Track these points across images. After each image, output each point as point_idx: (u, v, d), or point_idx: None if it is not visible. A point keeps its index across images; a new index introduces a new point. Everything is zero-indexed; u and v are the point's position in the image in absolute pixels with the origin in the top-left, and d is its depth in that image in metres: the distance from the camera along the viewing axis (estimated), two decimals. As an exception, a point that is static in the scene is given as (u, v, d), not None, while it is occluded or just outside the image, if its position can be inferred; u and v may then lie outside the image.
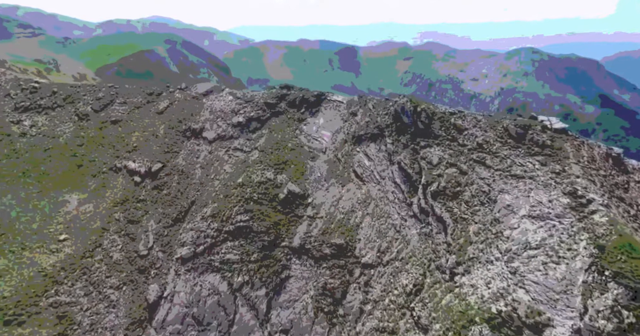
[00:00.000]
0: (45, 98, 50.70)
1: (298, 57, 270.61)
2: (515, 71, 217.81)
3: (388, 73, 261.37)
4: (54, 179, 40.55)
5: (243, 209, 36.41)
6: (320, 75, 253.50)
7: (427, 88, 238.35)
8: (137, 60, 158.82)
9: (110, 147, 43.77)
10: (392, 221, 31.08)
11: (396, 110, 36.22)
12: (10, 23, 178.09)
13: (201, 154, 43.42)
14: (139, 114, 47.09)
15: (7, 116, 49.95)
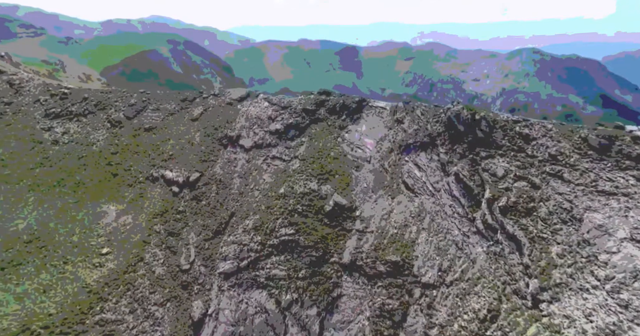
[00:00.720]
0: (76, 104, 50.47)
1: (299, 57, 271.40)
2: (516, 71, 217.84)
3: (389, 73, 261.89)
4: (90, 189, 40.00)
5: (287, 222, 35.21)
6: (321, 75, 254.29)
7: (429, 88, 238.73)
8: (140, 60, 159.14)
9: (146, 155, 43.11)
10: (453, 237, 29.47)
11: (449, 118, 34.62)
12: (12, 23, 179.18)
13: (239, 162, 42.45)
14: (173, 121, 46.41)
15: (37, 122, 49.85)
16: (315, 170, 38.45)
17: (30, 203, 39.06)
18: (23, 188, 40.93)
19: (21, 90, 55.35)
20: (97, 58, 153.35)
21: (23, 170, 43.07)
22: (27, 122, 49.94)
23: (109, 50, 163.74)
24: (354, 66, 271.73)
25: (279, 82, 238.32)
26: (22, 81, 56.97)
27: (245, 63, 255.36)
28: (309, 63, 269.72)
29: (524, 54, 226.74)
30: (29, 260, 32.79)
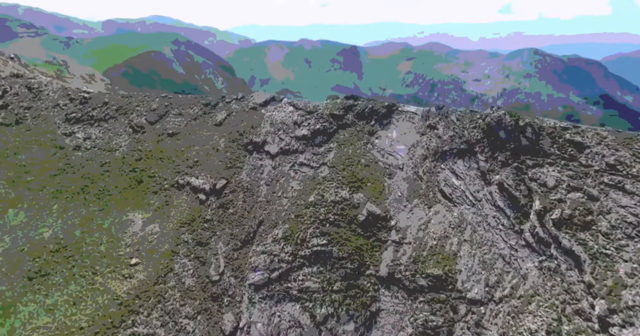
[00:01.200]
0: (96, 109, 50.13)
1: (300, 57, 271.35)
2: (517, 71, 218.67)
3: (390, 73, 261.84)
4: (115, 196, 39.43)
5: (319, 232, 34.21)
6: (322, 75, 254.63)
7: (430, 89, 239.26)
8: (143, 61, 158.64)
9: (170, 162, 42.47)
10: (499, 251, 28.22)
11: (489, 124, 33.39)
12: (13, 23, 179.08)
13: (265, 169, 41.61)
14: (196, 126, 45.76)
15: (58, 127, 49.60)
16: (346, 178, 37.42)
17: (54, 210, 38.62)
18: (46, 195, 40.54)
19: (40, 94, 55.26)
20: (101, 58, 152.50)
21: (45, 176, 42.73)
22: (47, 127, 49.73)
23: (112, 51, 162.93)
24: (355, 66, 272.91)
25: (280, 82, 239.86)
26: (41, 85, 56.91)
27: (246, 63, 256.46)
28: (309, 63, 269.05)
29: (525, 55, 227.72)
30: (57, 270, 32.23)
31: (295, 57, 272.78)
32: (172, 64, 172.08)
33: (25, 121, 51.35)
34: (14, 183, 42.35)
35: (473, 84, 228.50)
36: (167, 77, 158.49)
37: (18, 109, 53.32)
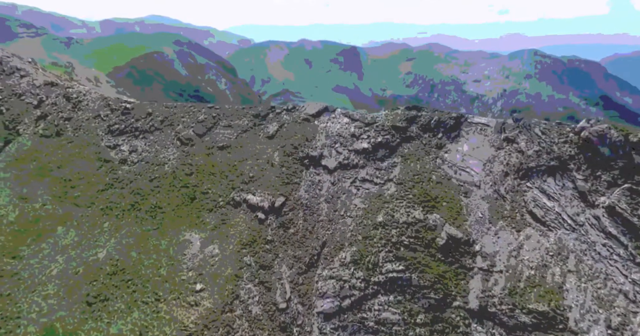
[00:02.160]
0: (140, 120, 49.42)
1: (300, 57, 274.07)
2: (517, 72, 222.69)
3: (390, 74, 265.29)
4: (169, 214, 38.19)
5: (392, 256, 32.12)
6: (323, 76, 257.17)
7: (430, 89, 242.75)
8: (147, 62, 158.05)
9: (223, 177, 41.13)
10: (617, 286, 25.58)
11: (587, 139, 30.94)
12: (13, 23, 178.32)
13: (324, 185, 39.87)
14: (247, 138, 44.47)
15: (101, 139, 49.01)
16: (417, 196, 35.34)
17: (105, 228, 37.55)
18: (95, 211, 39.58)
19: (79, 104, 55.04)
20: (103, 59, 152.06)
21: (93, 192, 41.89)
22: (90, 139, 49.21)
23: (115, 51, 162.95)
24: (355, 66, 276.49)
25: (280, 83, 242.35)
26: (80, 95, 56.79)
27: (246, 63, 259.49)
28: (310, 64, 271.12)
29: (525, 56, 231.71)
30: (116, 295, 30.90)
31: (295, 57, 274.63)
32: (175, 65, 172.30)
33: (66, 133, 51.04)
34: (60, 198, 41.63)
35: (473, 85, 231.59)
36: (171, 79, 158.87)
37: (58, 120, 53.13)
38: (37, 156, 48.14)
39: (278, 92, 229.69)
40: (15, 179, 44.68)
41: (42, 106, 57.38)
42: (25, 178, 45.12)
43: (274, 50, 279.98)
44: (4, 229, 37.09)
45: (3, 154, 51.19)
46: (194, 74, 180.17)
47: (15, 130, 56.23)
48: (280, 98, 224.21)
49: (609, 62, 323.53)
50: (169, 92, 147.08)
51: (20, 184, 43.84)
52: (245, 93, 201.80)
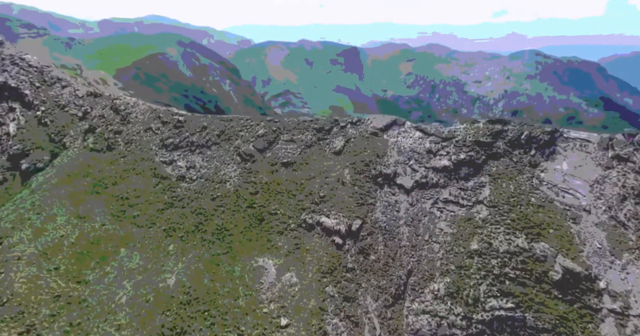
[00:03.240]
0: (195, 134, 48.91)
1: (300, 58, 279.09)
2: (518, 73, 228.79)
3: (391, 75, 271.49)
4: (237, 237, 36.93)
5: (497, 291, 29.78)
6: (323, 76, 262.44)
7: (431, 90, 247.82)
8: (152, 63, 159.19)
9: (290, 196, 39.79)
10: None
11: None
12: (13, 23, 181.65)
13: (401, 206, 38.01)
14: (312, 154, 43.21)
15: (155, 154, 48.62)
16: (517, 221, 33.03)
17: (171, 252, 36.50)
18: (158, 232, 38.69)
19: (128, 117, 55.12)
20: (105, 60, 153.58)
21: (153, 211, 41.16)
22: (143, 154, 48.92)
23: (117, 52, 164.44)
24: (356, 67, 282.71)
25: (281, 83, 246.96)
26: (127, 106, 56.98)
27: (246, 64, 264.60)
28: (311, 64, 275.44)
29: (526, 56, 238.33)
30: (194, 328, 29.50)
31: (295, 58, 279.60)
32: (179, 66, 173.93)
33: (117, 147, 50.96)
34: (118, 218, 41.03)
35: (474, 86, 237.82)
36: (176, 80, 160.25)
37: (108, 133, 53.20)
38: (89, 171, 48.05)
39: (279, 93, 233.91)
40: (70, 196, 44.49)
41: (87, 117, 57.90)
42: (80, 195, 44.91)
43: (274, 50, 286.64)
44: (66, 251, 36.51)
45: (53, 168, 51.42)
46: (198, 75, 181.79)
47: (61, 143, 56.74)
48: (281, 99, 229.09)
49: (608, 62, 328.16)
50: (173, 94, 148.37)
51: (75, 202, 43.58)
52: (248, 94, 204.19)
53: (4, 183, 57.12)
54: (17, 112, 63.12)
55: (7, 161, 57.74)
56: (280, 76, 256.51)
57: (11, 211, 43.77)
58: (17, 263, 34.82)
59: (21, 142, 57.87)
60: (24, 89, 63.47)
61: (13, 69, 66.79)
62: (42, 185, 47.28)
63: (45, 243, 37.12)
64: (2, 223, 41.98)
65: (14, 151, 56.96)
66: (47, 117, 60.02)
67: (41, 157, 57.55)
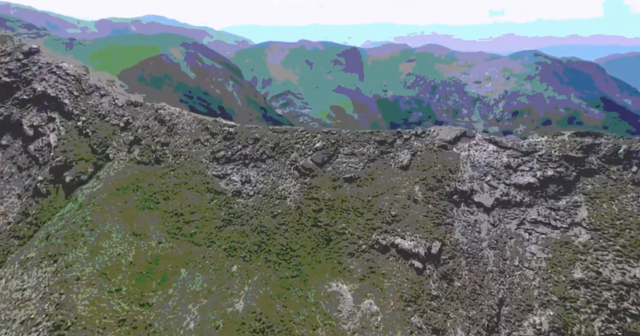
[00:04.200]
0: (248, 147, 48.21)
1: (300, 58, 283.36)
2: (518, 73, 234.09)
3: (391, 75, 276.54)
4: (305, 258, 35.52)
5: (617, 329, 27.19)
6: (324, 77, 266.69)
7: (431, 90, 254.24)
8: (156, 64, 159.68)
9: (357, 214, 38.25)
10: None
11: None
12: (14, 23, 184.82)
13: (482, 227, 35.93)
14: (377, 169, 41.73)
15: (207, 167, 48.06)
16: (630, 248, 30.49)
17: (235, 273, 35.32)
18: (218, 252, 37.65)
19: (174, 127, 55.00)
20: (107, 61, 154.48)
21: (210, 228, 40.27)
22: (194, 167, 48.44)
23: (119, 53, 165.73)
24: (356, 67, 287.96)
25: (282, 84, 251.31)
26: (172, 116, 56.97)
27: (247, 64, 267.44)
28: (311, 64, 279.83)
29: (526, 57, 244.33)
30: (272, 362, 27.88)
31: (296, 58, 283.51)
32: (183, 67, 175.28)
33: (165, 160, 50.70)
34: (175, 235, 40.31)
35: (474, 86, 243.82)
36: (180, 81, 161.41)
37: (154, 145, 53.06)
38: (139, 185, 47.80)
39: (279, 93, 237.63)
40: (122, 212, 44.15)
41: (130, 128, 58.12)
42: (132, 210, 44.54)
43: (274, 50, 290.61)
44: (125, 271, 35.82)
45: (99, 181, 51.46)
46: (202, 76, 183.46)
47: (104, 154, 57.02)
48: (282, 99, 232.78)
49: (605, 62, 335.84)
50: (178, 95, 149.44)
51: (128, 218, 43.19)
52: (252, 95, 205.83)
53: (47, 196, 57.68)
54: (56, 122, 64.01)
55: (50, 173, 58.37)
56: (281, 76, 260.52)
57: (61, 227, 43.71)
58: (77, 284, 34.27)
59: (63, 153, 58.46)
60: (63, 99, 64.35)
61: (51, 78, 68.00)
62: (90, 200, 47.20)
63: (103, 262, 36.55)
64: (53, 239, 41.88)
65: (57, 163, 57.53)
66: (88, 128, 60.50)
67: (84, 170, 57.93)
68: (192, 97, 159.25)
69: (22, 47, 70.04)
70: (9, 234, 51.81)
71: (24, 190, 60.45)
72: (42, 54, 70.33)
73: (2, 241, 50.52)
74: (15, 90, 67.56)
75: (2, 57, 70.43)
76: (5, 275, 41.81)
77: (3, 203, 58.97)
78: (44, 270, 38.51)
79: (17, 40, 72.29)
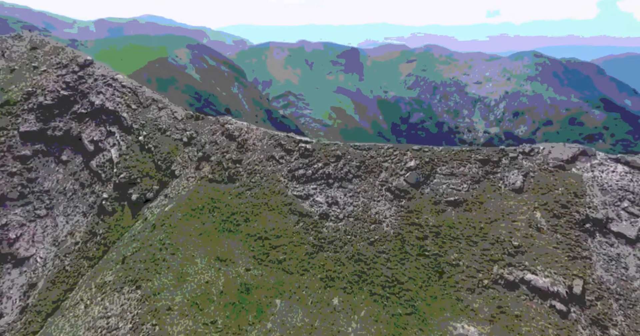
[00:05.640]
0: (330, 165, 46.54)
1: (300, 59, 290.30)
2: (518, 74, 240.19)
3: (391, 76, 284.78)
4: (417, 293, 32.79)
5: None
6: (324, 77, 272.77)
7: (432, 91, 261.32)
8: (163, 66, 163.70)
9: (470, 243, 35.33)
10: None
11: None
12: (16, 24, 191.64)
13: (628, 262, 32.04)
14: (484, 191, 38.86)
15: (286, 187, 46.63)
16: None
17: (337, 307, 33.02)
18: (314, 282, 35.62)
19: (245, 144, 54.31)
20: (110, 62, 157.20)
21: (300, 255, 38.40)
22: (272, 186, 47.21)
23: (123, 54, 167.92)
24: (356, 68, 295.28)
25: (282, 85, 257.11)
26: (242, 132, 56.40)
27: (247, 65, 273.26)
28: (311, 65, 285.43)
29: (526, 57, 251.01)
30: None
31: (296, 58, 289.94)
32: (189, 69, 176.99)
33: (240, 178, 49.82)
34: (263, 261, 38.69)
35: (475, 87, 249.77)
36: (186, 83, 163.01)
37: (226, 162, 52.42)
38: (215, 205, 46.93)
39: (280, 94, 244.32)
40: (201, 234, 43.17)
41: (194, 143, 58.00)
42: (212, 232, 43.50)
43: (274, 51, 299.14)
44: (217, 301, 34.26)
45: (169, 200, 51.06)
46: (207, 77, 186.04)
47: (169, 171, 56.96)
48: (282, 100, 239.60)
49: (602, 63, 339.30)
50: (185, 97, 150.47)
51: (209, 242, 42.10)
52: (257, 97, 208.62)
53: (113, 214, 57.96)
54: (116, 136, 64.88)
55: (114, 190, 58.79)
56: (281, 77, 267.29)
57: (137, 249, 43.07)
58: (170, 314, 32.96)
59: (126, 169, 58.89)
60: (121, 112, 65.13)
61: (107, 91, 69.06)
62: (164, 220, 46.63)
63: (192, 290, 35.24)
64: (130, 262, 41.21)
65: (121, 180, 57.89)
66: (150, 143, 60.82)
67: (150, 187, 58.08)
68: (200, 100, 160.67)
69: (77, 59, 72.04)
70: (78, 255, 52.02)
71: (89, 208, 61.15)
72: (97, 65, 72.11)
73: (72, 262, 50.72)
74: (73, 103, 69.34)
75: (58, 70, 72.93)
76: (84, 300, 41.33)
77: (69, 221, 59.78)
78: (127, 296, 37.65)
79: (69, 51, 74.76)
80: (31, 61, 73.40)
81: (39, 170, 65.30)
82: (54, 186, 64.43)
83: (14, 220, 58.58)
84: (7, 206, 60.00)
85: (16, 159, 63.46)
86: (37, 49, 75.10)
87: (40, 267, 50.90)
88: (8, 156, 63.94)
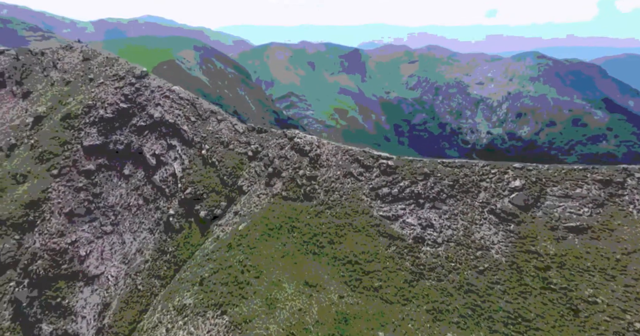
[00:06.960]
0: (417, 183, 44.29)
1: (303, 60, 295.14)
2: (521, 75, 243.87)
3: (393, 76, 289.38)
4: (545, 331, 29.30)
5: None
6: (326, 78, 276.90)
7: (434, 92, 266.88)
8: (171, 68, 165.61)
9: (607, 278, 31.69)
10: None
11: None
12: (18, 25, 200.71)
13: None
14: (611, 217, 35.33)
15: (370, 206, 44.73)
16: None
17: (452, 346, 29.98)
18: (419, 313, 33.14)
19: (318, 159, 53.12)
20: None
21: (398, 282, 36.15)
22: (354, 206, 45.47)
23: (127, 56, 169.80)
24: (358, 69, 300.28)
25: (285, 86, 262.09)
26: (312, 146, 55.32)
27: (249, 66, 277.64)
28: (313, 66, 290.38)
29: (528, 58, 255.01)
30: None
31: (298, 59, 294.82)
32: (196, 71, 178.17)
33: (317, 196, 48.34)
34: (356, 288, 36.55)
35: (477, 88, 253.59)
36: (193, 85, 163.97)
37: (300, 179, 51.29)
38: (293, 225, 45.62)
39: (283, 95, 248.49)
40: (283, 256, 41.75)
41: (260, 157, 57.40)
42: (295, 255, 42.02)
43: (277, 52, 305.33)
44: (315, 332, 32.26)
45: (241, 218, 50.30)
46: (214, 79, 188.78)
47: (236, 186, 56.51)
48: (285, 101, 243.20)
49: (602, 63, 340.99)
50: None
51: (293, 265, 40.54)
52: (263, 98, 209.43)
53: (181, 232, 57.97)
54: (177, 150, 65.48)
55: (180, 206, 58.89)
56: (284, 77, 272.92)
57: (215, 270, 42.15)
58: (266, 345, 31.37)
59: (191, 184, 58.98)
60: (181, 125, 65.70)
61: (165, 103, 69.96)
62: (239, 240, 45.75)
63: (285, 319, 33.54)
64: (210, 285, 40.20)
65: (187, 196, 57.98)
66: (213, 157, 60.82)
67: (217, 203, 57.87)
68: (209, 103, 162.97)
69: (133, 70, 73.72)
70: (149, 274, 52.00)
71: (155, 224, 61.57)
72: (152, 77, 73.57)
73: (144, 281, 50.72)
74: (132, 116, 70.61)
75: (115, 82, 74.79)
76: (163, 322, 40.59)
77: (136, 238, 60.36)
78: (214, 322, 36.48)
79: (124, 63, 76.97)
80: (85, 72, 75.93)
81: (103, 185, 66.77)
82: (118, 201, 65.49)
83: (82, 237, 59.84)
84: (76, 222, 61.45)
85: (81, 174, 65.08)
86: (89, 60, 77.87)
87: (113, 286, 51.13)
88: (74, 170, 65.74)
